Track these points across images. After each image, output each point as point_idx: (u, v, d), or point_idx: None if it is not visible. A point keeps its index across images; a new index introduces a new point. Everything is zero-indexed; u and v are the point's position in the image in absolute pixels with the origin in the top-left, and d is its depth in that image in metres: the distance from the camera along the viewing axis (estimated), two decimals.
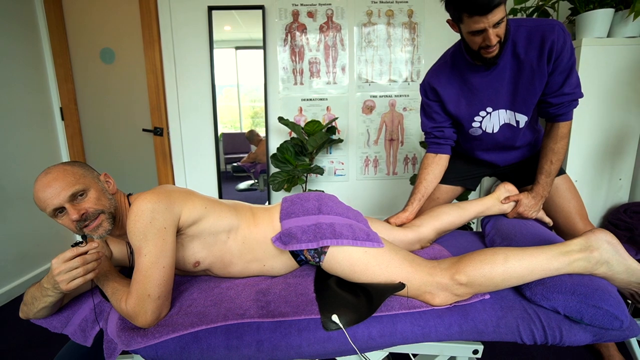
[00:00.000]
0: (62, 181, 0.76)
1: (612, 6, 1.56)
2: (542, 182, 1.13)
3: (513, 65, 1.04)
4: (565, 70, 1.00)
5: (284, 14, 2.18)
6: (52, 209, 0.76)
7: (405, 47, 2.24)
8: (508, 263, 0.80)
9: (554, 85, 1.02)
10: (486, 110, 1.12)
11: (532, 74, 1.02)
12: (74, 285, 0.73)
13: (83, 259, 0.73)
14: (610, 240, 0.81)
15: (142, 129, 2.33)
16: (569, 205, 1.19)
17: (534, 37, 0.98)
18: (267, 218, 0.95)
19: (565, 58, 0.98)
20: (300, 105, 2.29)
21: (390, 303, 0.83)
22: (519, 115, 1.10)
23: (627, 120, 1.67)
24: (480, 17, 0.89)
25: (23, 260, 1.94)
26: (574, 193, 1.20)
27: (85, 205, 0.78)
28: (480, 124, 1.15)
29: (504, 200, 1.18)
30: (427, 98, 1.20)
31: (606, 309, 0.75)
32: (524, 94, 1.06)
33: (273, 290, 0.88)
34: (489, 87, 1.08)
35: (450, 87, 1.14)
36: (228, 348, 0.77)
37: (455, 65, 1.12)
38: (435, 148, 1.24)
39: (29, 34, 2.03)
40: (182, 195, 0.85)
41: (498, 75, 1.06)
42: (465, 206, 1.18)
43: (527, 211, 1.14)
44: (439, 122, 1.21)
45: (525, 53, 1.00)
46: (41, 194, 0.75)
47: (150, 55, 2.17)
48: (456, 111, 1.16)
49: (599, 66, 1.60)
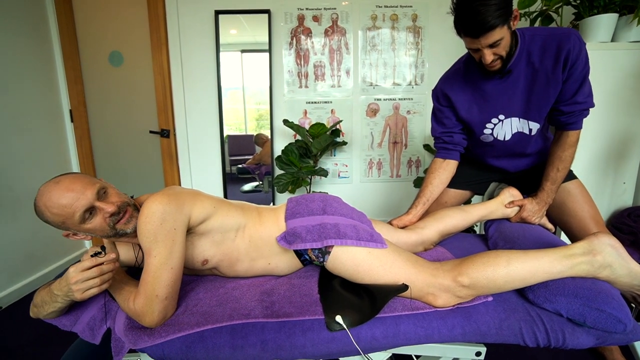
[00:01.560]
0: (82, 182, 0.76)
1: (616, 11, 1.56)
2: (547, 188, 1.13)
3: (528, 74, 1.03)
4: (579, 79, 1.00)
5: (290, 18, 2.20)
6: (83, 210, 0.74)
7: (409, 51, 2.25)
8: (511, 266, 0.81)
9: (567, 93, 1.02)
10: (498, 117, 1.12)
11: (547, 81, 1.01)
12: (89, 295, 0.74)
13: (100, 269, 0.73)
14: (613, 243, 0.81)
15: (149, 131, 2.37)
16: (583, 210, 1.17)
17: (550, 45, 0.98)
18: (273, 217, 0.96)
19: (580, 66, 0.98)
20: (305, 108, 2.31)
21: (393, 304, 0.84)
22: (532, 123, 1.10)
23: (631, 124, 1.67)
24: (471, 39, 0.92)
25: (32, 259, 1.97)
26: (587, 198, 1.18)
27: (113, 200, 0.79)
28: (492, 131, 1.15)
29: (508, 205, 1.18)
30: (439, 104, 1.20)
31: (609, 312, 0.75)
32: (537, 102, 1.05)
33: (278, 291, 0.89)
34: (502, 95, 1.08)
35: (462, 94, 1.13)
36: (233, 347, 0.78)
37: (468, 72, 1.12)
38: (444, 153, 1.24)
39: (40, 37, 2.07)
40: (191, 196, 0.87)
41: (512, 84, 1.05)
42: (469, 209, 1.18)
43: (531, 217, 1.14)
44: (449, 127, 1.21)
45: (540, 62, 1.00)
46: (63, 200, 0.73)
47: (158, 59, 2.21)
48: (468, 117, 1.15)
49: (603, 70, 1.60)
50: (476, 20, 0.87)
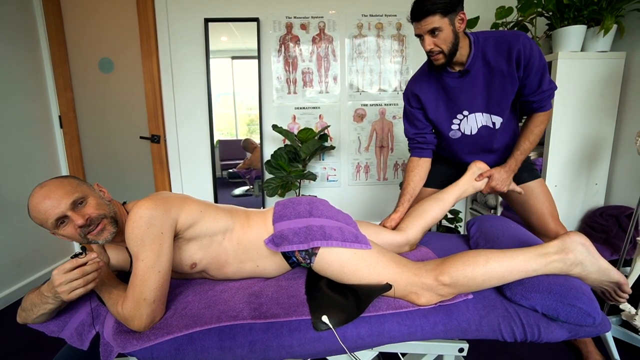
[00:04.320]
0: (61, 190, 0.78)
1: (584, 23, 1.64)
2: (515, 156, 1.21)
3: (485, 73, 1.13)
4: (539, 72, 1.10)
5: (278, 26, 2.24)
6: (55, 219, 0.76)
7: (394, 58, 2.31)
8: (489, 264, 0.84)
9: (532, 86, 1.12)
10: (463, 113, 1.22)
11: (503, 79, 1.12)
12: (75, 296, 0.74)
13: (83, 270, 0.74)
14: (584, 242, 0.85)
15: (139, 137, 2.36)
16: (542, 207, 1.26)
17: (501, 46, 1.09)
18: (261, 220, 0.98)
19: (535, 62, 1.08)
20: (294, 114, 2.34)
21: (378, 304, 0.86)
22: (494, 117, 1.19)
23: (600, 128, 1.75)
24: (416, 23, 1.06)
25: (20, 266, 1.94)
26: (547, 196, 1.28)
27: (87, 211, 0.80)
28: (458, 126, 1.24)
29: (477, 178, 1.23)
30: (410, 106, 1.30)
31: (580, 306, 0.79)
32: (497, 98, 1.15)
33: (265, 293, 0.90)
34: (463, 92, 1.18)
35: (429, 92, 1.23)
36: (221, 349, 0.79)
37: (432, 71, 1.22)
38: (419, 152, 1.34)
39: (29, 43, 2.06)
40: (178, 201, 0.88)
41: (471, 82, 1.15)
42: (443, 197, 1.22)
43: (500, 185, 1.21)
44: (420, 128, 1.31)
45: (495, 60, 1.10)
46: (41, 205, 0.76)
47: (148, 65, 2.22)
48: (435, 116, 1.25)
49: (574, 78, 1.68)
50: (420, 4, 1.02)
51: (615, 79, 1.70)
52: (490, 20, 1.97)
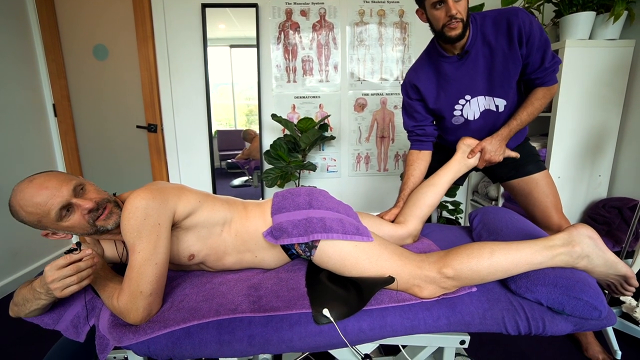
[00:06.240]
0: (56, 180, 0.74)
1: (594, 9, 1.60)
2: (511, 125, 1.16)
3: (486, 53, 1.09)
4: (541, 47, 1.06)
5: (277, 13, 2.18)
6: (59, 207, 0.72)
7: (396, 47, 2.26)
8: (494, 257, 0.82)
9: (535, 63, 1.09)
10: (465, 98, 1.18)
11: (505, 59, 1.08)
12: (69, 293, 0.72)
13: (77, 266, 0.71)
14: (591, 235, 0.84)
15: (136, 126, 2.32)
16: (547, 200, 1.24)
17: (501, 23, 1.05)
18: (259, 212, 0.96)
19: (536, 37, 1.04)
20: (294, 103, 2.30)
21: (380, 297, 0.85)
22: (498, 99, 1.16)
23: (606, 119, 1.72)
24: None
25: (15, 257, 1.92)
26: (552, 188, 1.25)
27: (91, 196, 0.77)
28: (461, 112, 1.21)
29: (469, 155, 1.20)
30: (409, 97, 1.26)
31: (586, 300, 0.78)
32: (499, 79, 1.12)
33: (265, 285, 0.89)
34: (464, 76, 1.14)
35: (429, 82, 1.20)
36: (220, 343, 0.78)
37: (430, 60, 1.18)
38: (418, 145, 1.31)
39: (20, 29, 2.00)
40: (175, 191, 0.85)
41: (472, 64, 1.11)
42: (437, 182, 1.19)
43: (494, 156, 1.17)
44: (419, 120, 1.28)
45: (496, 40, 1.06)
46: (38, 198, 0.71)
47: (144, 52, 2.16)
48: (436, 105, 1.21)
49: (581, 67, 1.64)
50: None
51: (623, 68, 1.67)
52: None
